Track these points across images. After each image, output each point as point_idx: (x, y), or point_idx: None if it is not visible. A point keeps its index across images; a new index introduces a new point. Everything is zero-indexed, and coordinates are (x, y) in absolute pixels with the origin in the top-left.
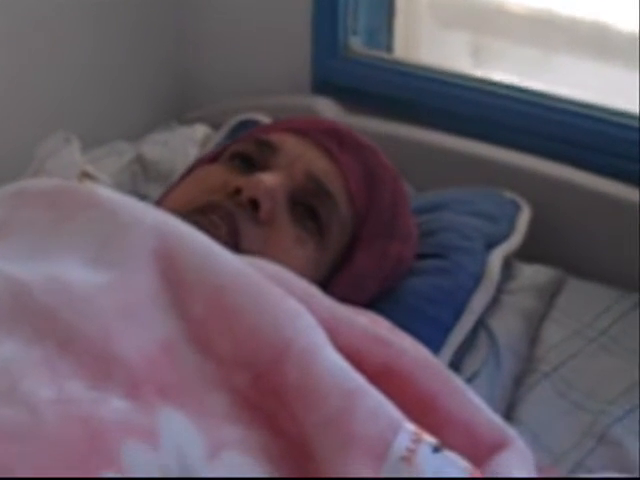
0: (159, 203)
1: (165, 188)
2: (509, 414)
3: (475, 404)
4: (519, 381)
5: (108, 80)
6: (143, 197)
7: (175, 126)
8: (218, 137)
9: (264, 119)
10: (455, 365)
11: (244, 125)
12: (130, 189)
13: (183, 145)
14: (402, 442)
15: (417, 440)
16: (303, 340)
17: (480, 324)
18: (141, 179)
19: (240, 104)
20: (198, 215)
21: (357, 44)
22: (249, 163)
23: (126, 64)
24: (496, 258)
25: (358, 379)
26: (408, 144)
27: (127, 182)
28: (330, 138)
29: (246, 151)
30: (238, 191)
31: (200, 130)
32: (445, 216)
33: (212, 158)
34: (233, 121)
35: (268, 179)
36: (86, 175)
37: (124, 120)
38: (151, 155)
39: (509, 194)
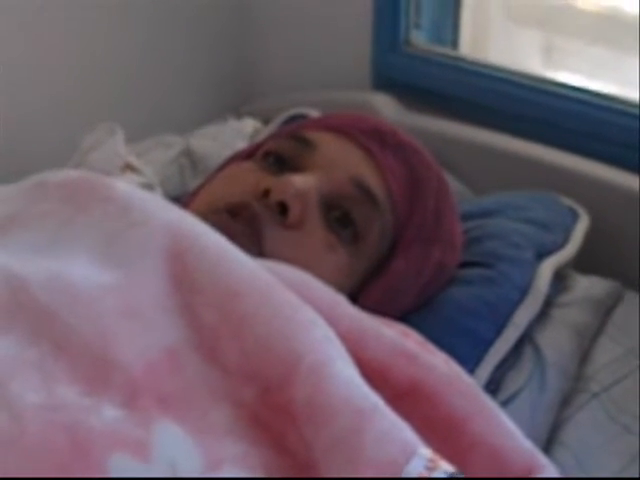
0: (190, 198)
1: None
2: (553, 435)
3: (506, 428)
4: (566, 401)
5: (165, 73)
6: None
7: (229, 119)
8: (267, 131)
9: (314, 114)
10: (496, 383)
11: (294, 120)
12: (178, 182)
13: (232, 139)
14: (415, 468)
15: (432, 467)
16: (315, 354)
17: (527, 339)
18: (189, 173)
19: (296, 98)
20: (222, 216)
21: (420, 39)
22: (283, 162)
23: (184, 56)
24: (546, 269)
25: (372, 398)
26: (468, 145)
27: (175, 175)
28: (372, 138)
29: (281, 149)
30: (267, 193)
31: (250, 124)
32: (496, 222)
33: (248, 154)
34: (283, 115)
35: (299, 181)
36: (129, 167)
37: (180, 113)
38: (199, 148)
39: (568, 201)
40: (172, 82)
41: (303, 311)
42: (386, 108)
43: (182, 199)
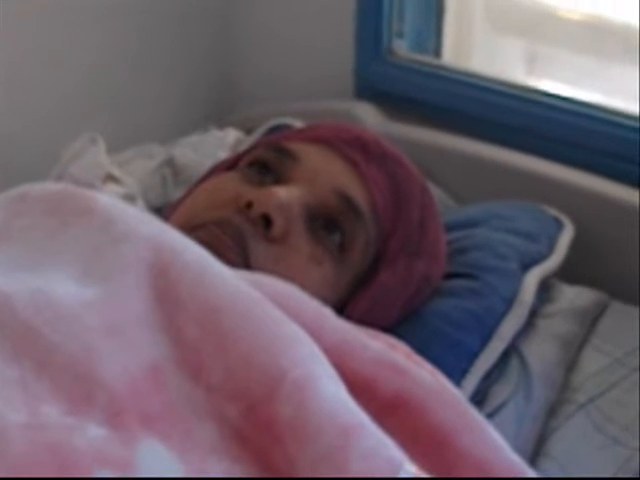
0: (172, 210)
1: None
2: (540, 447)
3: (493, 441)
4: (552, 411)
5: (147, 83)
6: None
7: (211, 129)
8: (250, 142)
9: (297, 124)
10: (482, 393)
11: (277, 130)
12: (160, 193)
13: (214, 149)
14: None
15: None
16: (299, 370)
17: (513, 350)
18: (171, 183)
19: (278, 108)
20: (204, 231)
21: (402, 48)
22: (266, 173)
23: (167, 66)
24: (531, 280)
25: (357, 414)
26: (451, 154)
27: (157, 185)
28: (355, 148)
29: (263, 159)
30: (249, 205)
31: (232, 134)
32: (480, 233)
33: (230, 165)
34: (265, 126)
35: (282, 193)
36: (111, 178)
37: (163, 123)
38: (181, 158)
39: (553, 211)
40: (154, 92)
41: (287, 326)
42: (369, 117)
43: (164, 210)
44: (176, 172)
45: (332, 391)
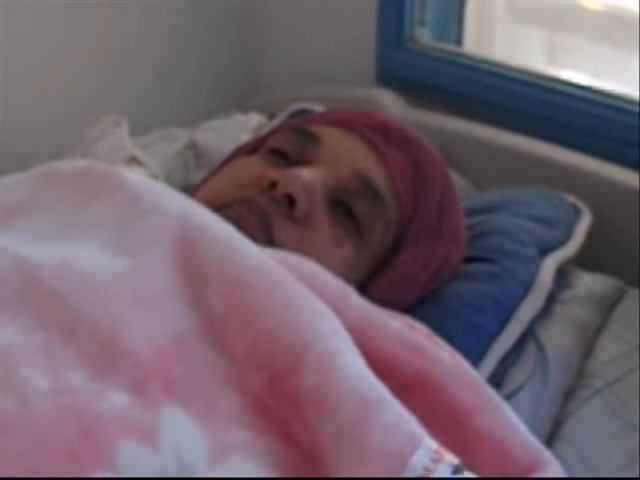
0: (195, 192)
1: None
2: (556, 430)
3: (511, 422)
4: (569, 396)
5: (170, 67)
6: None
7: (234, 114)
8: (272, 126)
9: (319, 109)
10: (499, 377)
11: (299, 114)
12: (182, 175)
13: (237, 133)
14: (420, 460)
15: (437, 459)
16: (323, 345)
17: (529, 334)
18: (193, 166)
19: (300, 94)
20: (230, 210)
21: (424, 36)
22: (289, 158)
23: (190, 51)
24: (549, 265)
25: (378, 389)
26: (471, 142)
27: (179, 168)
28: (377, 132)
29: (286, 145)
30: (273, 186)
31: (254, 118)
32: (500, 218)
33: (252, 148)
34: (288, 110)
35: (306, 174)
36: (134, 160)
37: (186, 107)
38: (204, 142)
39: (571, 198)
40: (178, 77)
41: (312, 302)
42: (390, 104)
43: (187, 192)
44: (198, 155)
45: (354, 366)
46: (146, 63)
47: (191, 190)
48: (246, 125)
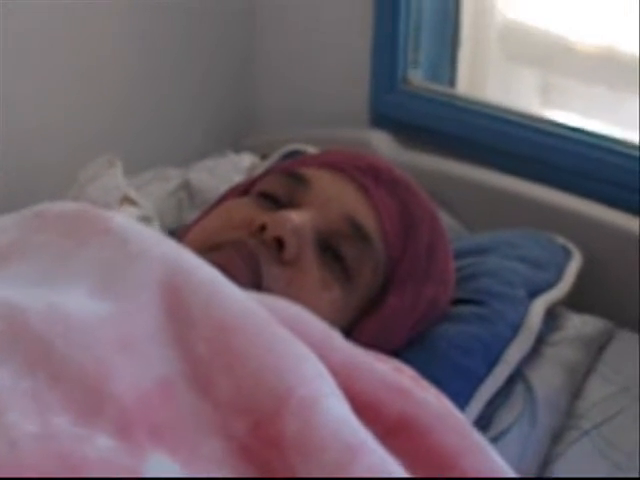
0: (186, 232)
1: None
2: (544, 472)
3: (497, 465)
4: (557, 437)
5: (165, 106)
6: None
7: (227, 154)
8: (264, 167)
9: (312, 150)
10: (487, 418)
11: (292, 155)
12: (175, 215)
13: (230, 173)
14: None
15: None
16: (306, 388)
17: (518, 376)
18: (187, 206)
19: (294, 134)
20: (218, 253)
21: (417, 77)
22: (278, 201)
23: (185, 91)
24: (538, 307)
25: (362, 433)
26: (464, 183)
27: (173, 208)
28: (366, 174)
29: (275, 188)
30: (263, 228)
31: (247, 159)
32: (489, 260)
33: (244, 189)
34: (281, 151)
35: (295, 217)
36: (127, 200)
37: (180, 146)
38: (197, 182)
39: (561, 240)
40: (172, 116)
41: (295, 346)
42: (383, 146)
43: (179, 232)
44: (192, 195)
45: (338, 410)
46: (141, 103)
47: (183, 230)
48: (239, 165)
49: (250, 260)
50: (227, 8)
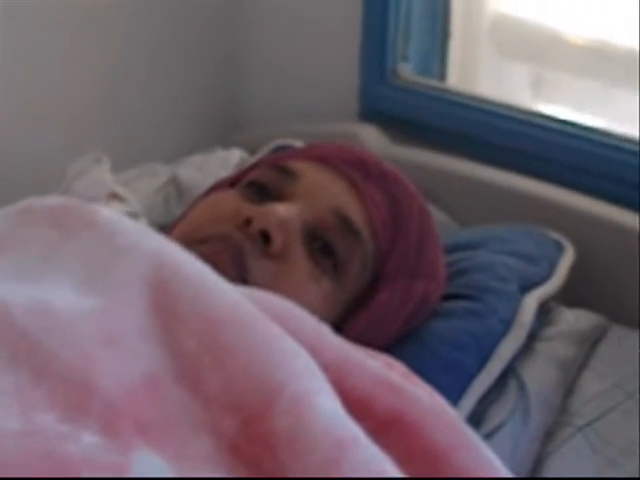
0: (173, 226)
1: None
2: (537, 469)
3: (490, 461)
4: (550, 434)
5: (153, 103)
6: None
7: (216, 149)
8: (253, 162)
9: (300, 145)
10: (479, 415)
11: (280, 150)
12: (163, 211)
13: (218, 169)
14: None
15: None
16: (297, 385)
17: (511, 372)
18: (175, 202)
19: (283, 129)
20: (204, 246)
21: (407, 71)
22: (266, 191)
23: (173, 87)
24: (530, 302)
25: (352, 429)
26: (454, 177)
27: (160, 204)
28: (355, 168)
29: (263, 179)
30: (249, 222)
31: (236, 154)
32: (481, 255)
33: (231, 182)
34: (269, 146)
35: (282, 210)
36: (115, 196)
37: (169, 143)
38: (186, 178)
39: (554, 234)
40: (161, 112)
41: (285, 341)
42: (373, 140)
43: (167, 228)
44: (180, 191)
45: (328, 407)
46: (128, 97)
47: (171, 225)
48: (227, 161)
49: (235, 253)
50: (212, 4)
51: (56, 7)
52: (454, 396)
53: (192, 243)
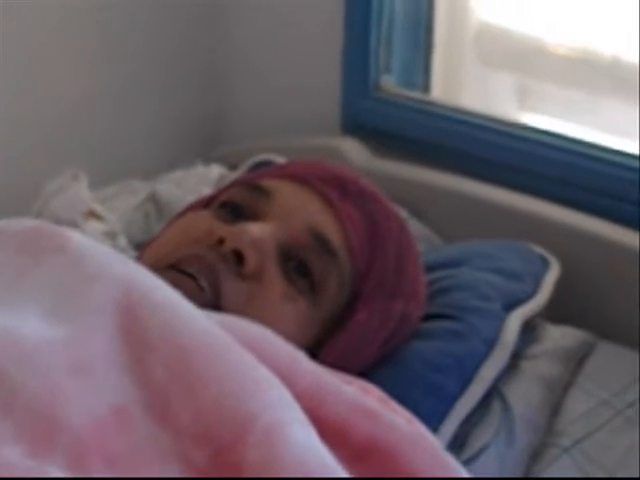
0: (147, 247)
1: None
2: None
3: None
4: (536, 455)
5: (133, 118)
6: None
7: (195, 165)
8: (233, 178)
9: (281, 160)
10: (462, 438)
11: (260, 166)
12: (143, 228)
13: (197, 185)
14: None
15: None
16: (270, 415)
17: (494, 393)
18: (155, 218)
19: (264, 144)
20: (175, 269)
21: (390, 83)
22: (240, 211)
23: (153, 102)
24: (514, 320)
25: (326, 460)
26: (438, 191)
27: (140, 221)
28: (331, 186)
29: (236, 199)
30: (221, 241)
31: (215, 170)
32: (464, 273)
33: (207, 202)
34: (250, 162)
35: (255, 229)
36: (92, 214)
37: (149, 159)
38: (165, 194)
39: (538, 249)
40: (141, 128)
41: (258, 370)
42: (356, 154)
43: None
44: (159, 208)
45: (302, 437)
46: (106, 113)
47: (148, 243)
48: (207, 177)
49: (208, 274)
50: (193, 14)
51: (29, 15)
52: (436, 420)
53: (164, 266)
